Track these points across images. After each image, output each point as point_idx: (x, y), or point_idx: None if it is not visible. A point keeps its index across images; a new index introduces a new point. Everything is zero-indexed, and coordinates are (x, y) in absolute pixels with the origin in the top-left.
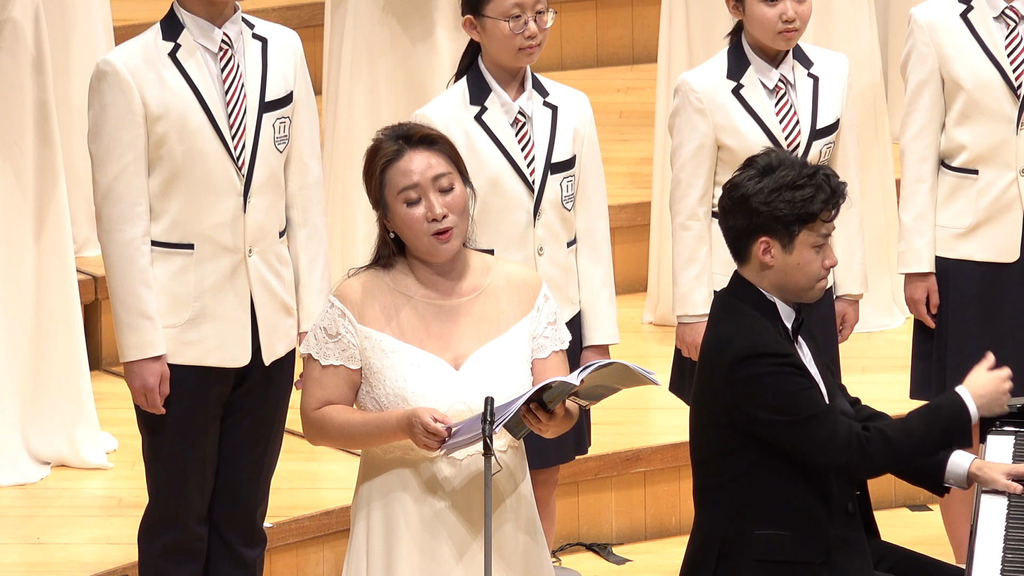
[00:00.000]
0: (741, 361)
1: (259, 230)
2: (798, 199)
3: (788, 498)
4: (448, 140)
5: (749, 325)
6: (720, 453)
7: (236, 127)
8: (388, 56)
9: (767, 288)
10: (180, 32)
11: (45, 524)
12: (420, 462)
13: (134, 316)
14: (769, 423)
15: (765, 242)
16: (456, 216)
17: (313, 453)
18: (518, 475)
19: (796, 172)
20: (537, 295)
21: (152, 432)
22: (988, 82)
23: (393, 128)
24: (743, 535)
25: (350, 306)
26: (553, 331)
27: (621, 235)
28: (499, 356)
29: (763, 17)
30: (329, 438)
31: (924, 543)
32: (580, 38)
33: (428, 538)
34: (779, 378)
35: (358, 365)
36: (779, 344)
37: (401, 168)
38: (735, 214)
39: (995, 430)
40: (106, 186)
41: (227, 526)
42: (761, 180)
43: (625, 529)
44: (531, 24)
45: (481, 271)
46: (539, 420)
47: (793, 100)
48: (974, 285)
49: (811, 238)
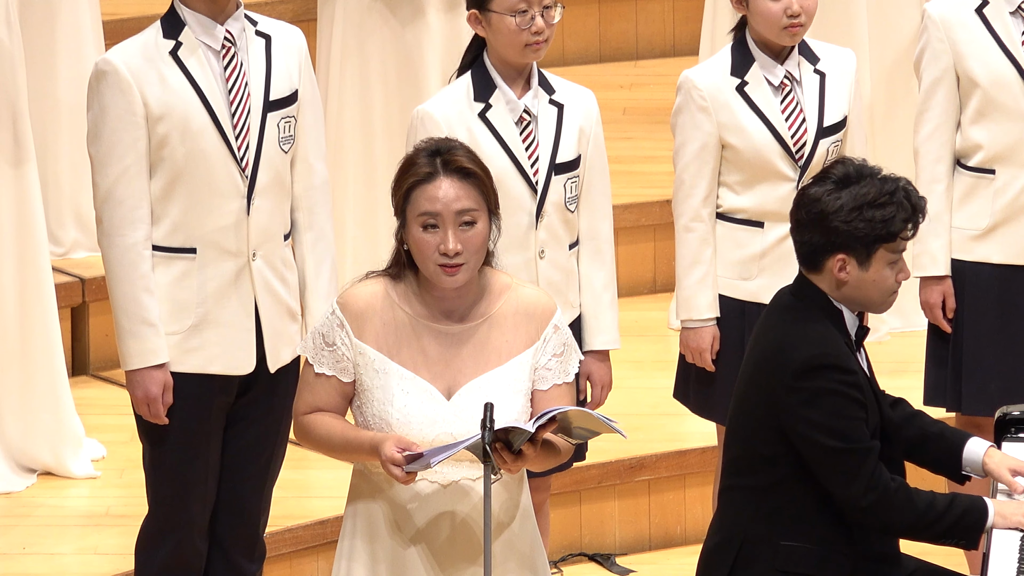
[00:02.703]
0: (808, 370)
1: (263, 233)
2: (878, 219)
3: (820, 512)
4: (486, 174)
5: (820, 333)
6: (762, 455)
7: (240, 127)
8: (379, 40)
9: (836, 298)
10: (181, 30)
11: (31, 534)
12: (398, 486)
13: (136, 323)
14: (810, 440)
15: (842, 260)
16: (469, 254)
17: (306, 461)
18: (504, 514)
19: (877, 189)
20: (546, 325)
21: (153, 442)
22: (1005, 79)
23: (436, 143)
24: (767, 542)
25: (350, 317)
26: (558, 363)
27: (623, 236)
28: (494, 388)
29: (767, 12)
30: (313, 445)
31: (937, 554)
32: (583, 33)
33: (404, 562)
34: (838, 399)
35: (350, 378)
36: (848, 359)
37: (428, 193)
38: (811, 230)
39: (1011, 436)
40: (106, 189)
41: (229, 539)
42: (839, 195)
43: (629, 539)
44: (538, 19)
45: (494, 296)
46: (504, 460)
47: (799, 97)
48: (991, 289)
49: (888, 256)
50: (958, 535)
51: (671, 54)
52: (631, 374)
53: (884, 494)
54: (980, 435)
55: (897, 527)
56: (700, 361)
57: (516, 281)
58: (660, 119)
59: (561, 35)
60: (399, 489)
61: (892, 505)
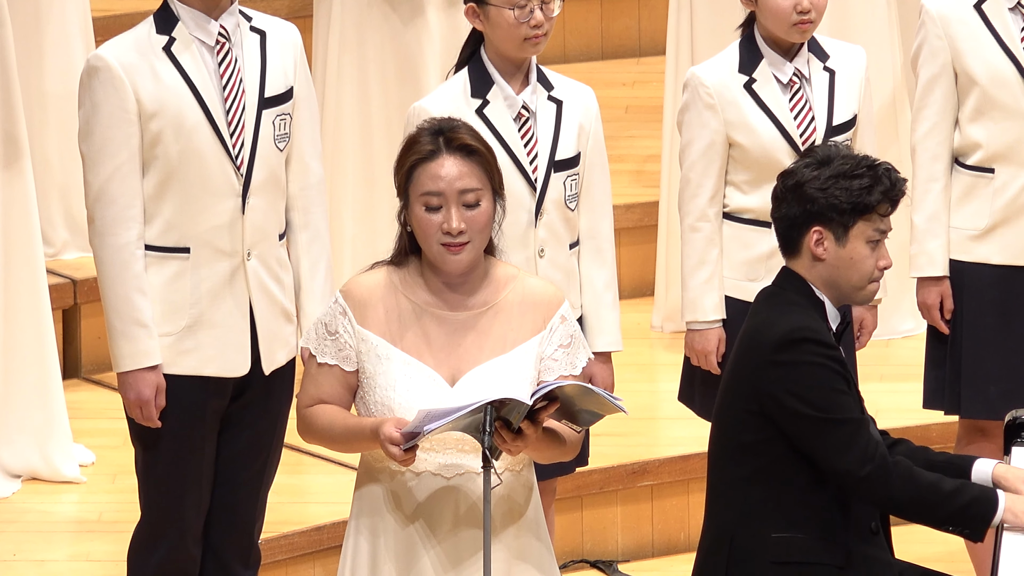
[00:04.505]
0: (786, 343)
1: (258, 232)
2: (855, 188)
3: (807, 501)
4: (489, 153)
5: (799, 312)
6: (744, 444)
7: (234, 124)
8: (377, 36)
9: (817, 284)
10: (175, 25)
11: (19, 540)
12: (401, 475)
13: (128, 324)
14: (797, 414)
15: (818, 231)
16: (473, 233)
17: (303, 466)
18: (517, 498)
19: (855, 162)
20: (553, 315)
21: (146, 446)
22: (1004, 76)
23: (439, 122)
24: (757, 537)
25: (352, 304)
26: (565, 354)
27: (626, 236)
28: (499, 375)
29: (777, 8)
30: (315, 438)
31: (941, 560)
32: (584, 29)
33: (409, 556)
34: (820, 370)
35: (353, 367)
36: (827, 334)
37: (430, 171)
38: (788, 202)
39: (1021, 441)
40: (98, 188)
41: (223, 545)
42: (818, 169)
43: (631, 545)
44: (537, 13)
45: (499, 285)
46: (503, 439)
47: (808, 95)
48: (990, 290)
49: (866, 231)
50: (963, 523)
51: None
52: (633, 376)
53: (883, 465)
54: (985, 440)
55: (898, 501)
56: (705, 364)
57: (523, 272)
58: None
59: (562, 32)
60: (402, 478)
61: (891, 477)
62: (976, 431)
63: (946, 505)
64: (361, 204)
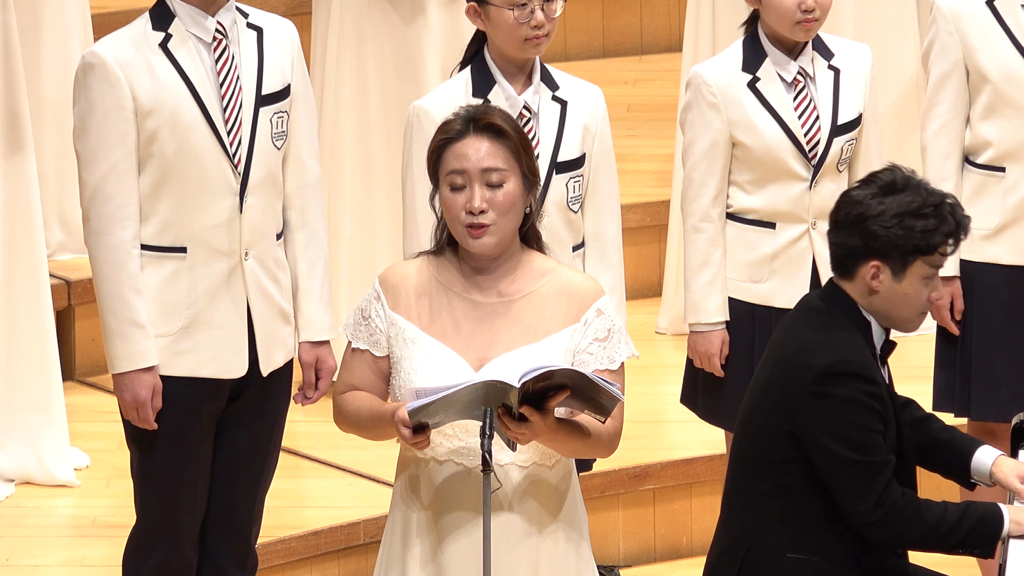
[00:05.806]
0: (829, 376)
1: (256, 232)
2: (919, 228)
3: (828, 526)
4: (520, 136)
5: (845, 339)
6: (771, 459)
7: (232, 122)
8: (377, 34)
9: (866, 308)
10: (171, 21)
11: (15, 545)
12: (426, 463)
13: (124, 324)
14: (823, 448)
15: (876, 267)
16: (497, 215)
17: (300, 470)
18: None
19: (921, 199)
20: (588, 308)
21: (142, 448)
22: (1016, 73)
23: (472, 107)
24: (773, 554)
25: (386, 289)
26: (601, 348)
27: (626, 236)
28: (526, 363)
29: (781, 6)
30: (347, 425)
31: (949, 565)
32: (585, 27)
33: (435, 542)
34: (857, 409)
35: (384, 352)
36: (872, 369)
37: (456, 151)
38: (849, 231)
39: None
40: (94, 186)
41: (220, 550)
42: (883, 200)
43: (634, 550)
44: (538, 13)
45: (536, 275)
46: (507, 426)
47: (813, 94)
48: (1001, 290)
49: (924, 270)
50: (972, 545)
51: (677, 49)
52: (636, 379)
53: (892, 510)
54: (994, 442)
55: (906, 542)
56: (708, 366)
57: (564, 265)
58: (665, 116)
59: (563, 29)
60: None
61: (900, 520)
62: (985, 433)
63: (955, 534)
64: (359, 204)
